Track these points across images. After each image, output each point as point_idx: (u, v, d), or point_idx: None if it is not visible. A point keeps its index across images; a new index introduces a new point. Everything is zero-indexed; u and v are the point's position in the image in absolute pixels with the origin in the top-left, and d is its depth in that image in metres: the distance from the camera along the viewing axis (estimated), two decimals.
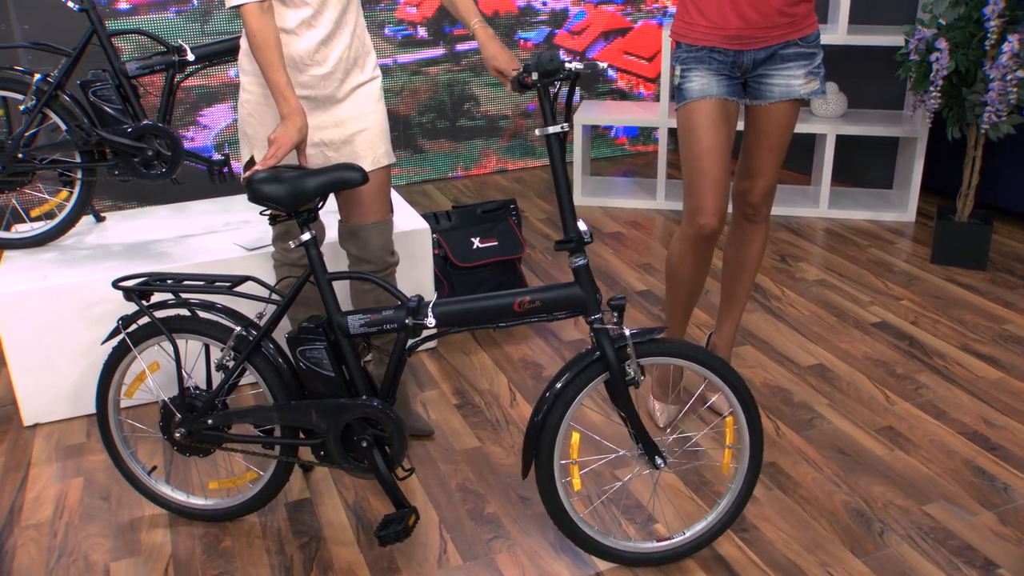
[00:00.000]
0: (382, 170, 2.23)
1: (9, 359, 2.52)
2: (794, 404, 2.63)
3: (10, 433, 2.59)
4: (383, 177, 2.24)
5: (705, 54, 2.19)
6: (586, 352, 1.89)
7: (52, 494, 2.32)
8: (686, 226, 2.28)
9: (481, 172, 5.00)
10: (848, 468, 2.34)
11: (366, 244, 2.25)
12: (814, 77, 2.22)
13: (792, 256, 3.69)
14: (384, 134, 2.23)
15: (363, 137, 2.18)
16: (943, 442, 2.44)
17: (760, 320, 3.15)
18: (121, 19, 3.99)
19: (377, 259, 2.27)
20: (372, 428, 2.00)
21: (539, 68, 1.77)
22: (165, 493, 2.19)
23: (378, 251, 2.26)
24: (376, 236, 2.25)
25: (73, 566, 2.06)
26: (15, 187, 2.71)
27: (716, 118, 2.19)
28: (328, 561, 2.05)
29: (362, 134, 2.18)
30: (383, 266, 2.29)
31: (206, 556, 2.08)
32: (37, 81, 2.61)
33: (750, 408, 1.97)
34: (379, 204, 2.24)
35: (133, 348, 2.08)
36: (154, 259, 2.66)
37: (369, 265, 2.28)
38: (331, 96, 2.13)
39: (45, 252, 2.74)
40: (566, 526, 1.93)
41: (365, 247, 2.25)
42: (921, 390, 2.69)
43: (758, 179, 2.34)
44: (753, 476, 2.01)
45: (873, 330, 3.06)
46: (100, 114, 2.65)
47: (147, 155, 2.66)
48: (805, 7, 2.16)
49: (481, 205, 3.20)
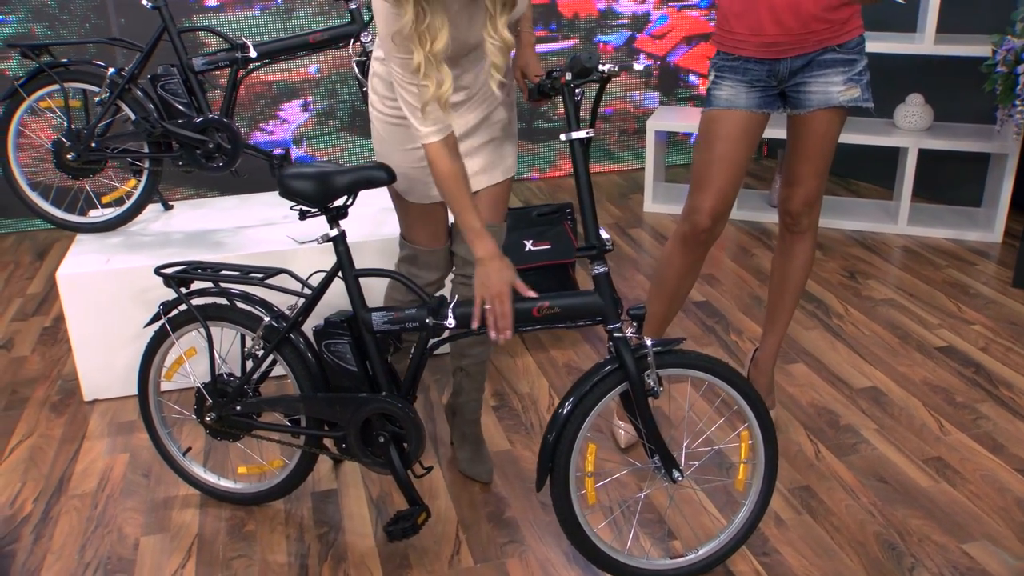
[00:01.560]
0: (506, 181, 2.15)
1: (72, 336, 2.66)
2: (839, 427, 2.53)
3: (71, 407, 2.74)
4: (507, 186, 2.15)
5: (740, 64, 2.14)
6: (604, 362, 1.87)
7: (99, 467, 2.44)
8: (679, 224, 2.27)
9: (556, 175, 4.99)
10: (887, 498, 2.23)
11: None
12: (854, 84, 2.13)
13: (862, 273, 3.55)
14: (513, 143, 2.15)
15: (492, 147, 2.09)
16: (996, 478, 2.30)
17: (817, 338, 3.04)
18: (208, 15, 4.15)
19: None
20: (391, 425, 2.02)
21: (574, 67, 1.75)
22: (197, 474, 2.28)
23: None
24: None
25: (107, 537, 2.17)
26: (88, 174, 2.86)
27: (736, 132, 2.15)
28: (343, 552, 2.09)
29: (493, 143, 2.09)
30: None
31: (229, 538, 2.15)
32: (111, 75, 2.75)
33: (766, 423, 1.91)
34: (498, 209, 2.15)
35: (171, 333, 2.16)
36: (210, 248, 2.76)
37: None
38: (456, 107, 2.02)
39: (113, 237, 2.89)
40: (578, 540, 1.91)
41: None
42: (980, 421, 2.55)
43: (798, 188, 2.27)
44: (767, 492, 1.95)
45: (937, 354, 2.91)
46: (167, 107, 2.77)
47: (208, 148, 2.77)
48: (846, 12, 2.07)
49: (537, 208, 3.19)
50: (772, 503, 2.22)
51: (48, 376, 2.91)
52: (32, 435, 2.59)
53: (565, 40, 4.71)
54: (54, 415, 2.69)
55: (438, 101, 1.80)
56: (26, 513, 2.26)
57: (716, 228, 2.24)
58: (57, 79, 2.77)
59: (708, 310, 3.28)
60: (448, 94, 1.80)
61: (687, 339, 3.05)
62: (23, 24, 3.97)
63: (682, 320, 3.20)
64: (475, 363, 2.25)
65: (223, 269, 2.14)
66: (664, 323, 2.40)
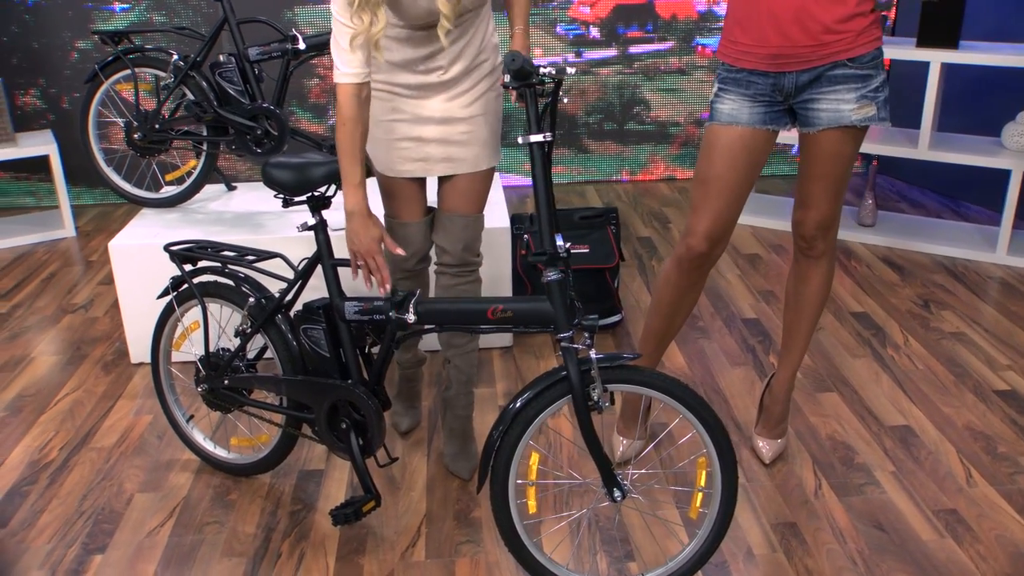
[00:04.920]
0: (479, 172, 2.17)
1: (121, 303, 2.88)
2: (852, 465, 2.36)
3: (119, 367, 2.96)
4: (481, 176, 2.17)
5: (744, 77, 2.02)
6: (553, 371, 1.83)
7: (123, 425, 2.63)
8: (677, 245, 2.17)
9: (647, 178, 4.90)
10: (877, 547, 2.07)
11: (447, 234, 2.18)
12: (868, 102, 1.97)
13: (938, 302, 3.28)
14: (486, 141, 2.15)
15: (468, 138, 2.12)
16: (1013, 540, 2.08)
17: (862, 367, 2.84)
18: (305, 6, 4.35)
19: (455, 252, 2.18)
20: (356, 413, 2.07)
21: (507, 71, 1.73)
22: (197, 440, 2.41)
23: (457, 244, 2.18)
24: (461, 228, 2.17)
25: (108, 489, 2.33)
26: (153, 153, 3.08)
27: (736, 149, 2.03)
28: (307, 531, 2.16)
29: (468, 135, 2.12)
30: (460, 261, 2.20)
31: (211, 504, 2.27)
32: (174, 61, 2.94)
33: (725, 450, 1.81)
34: (469, 200, 2.18)
35: (176, 308, 2.30)
36: (251, 229, 2.90)
37: (447, 256, 2.19)
38: (439, 91, 2.08)
39: (172, 213, 3.09)
40: (514, 546, 1.89)
41: (446, 236, 2.18)
42: (1018, 476, 2.31)
43: (810, 210, 2.13)
44: (722, 525, 1.85)
45: (994, 398, 2.66)
46: (223, 93, 2.93)
47: (256, 133, 2.91)
48: (860, 22, 1.91)
49: (581, 210, 3.15)
50: (749, 536, 2.11)
51: (110, 338, 3.16)
52: (79, 389, 2.83)
53: (661, 42, 4.60)
54: (103, 374, 2.92)
55: (367, 42, 1.85)
56: (50, 459, 2.47)
57: (714, 251, 2.12)
58: (129, 64, 2.99)
59: (755, 328, 3.13)
60: (378, 36, 1.85)
61: (723, 355, 2.93)
62: (143, 13, 4.30)
63: (724, 336, 3.07)
64: (460, 354, 2.27)
65: (224, 250, 2.25)
66: (662, 338, 2.31)
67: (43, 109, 4.40)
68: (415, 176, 2.15)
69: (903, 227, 3.90)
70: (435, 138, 2.10)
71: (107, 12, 4.27)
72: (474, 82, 2.10)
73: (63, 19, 4.26)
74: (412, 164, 2.13)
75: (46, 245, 4.04)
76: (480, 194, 2.18)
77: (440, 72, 2.06)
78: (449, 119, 2.09)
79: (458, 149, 2.11)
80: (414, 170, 2.13)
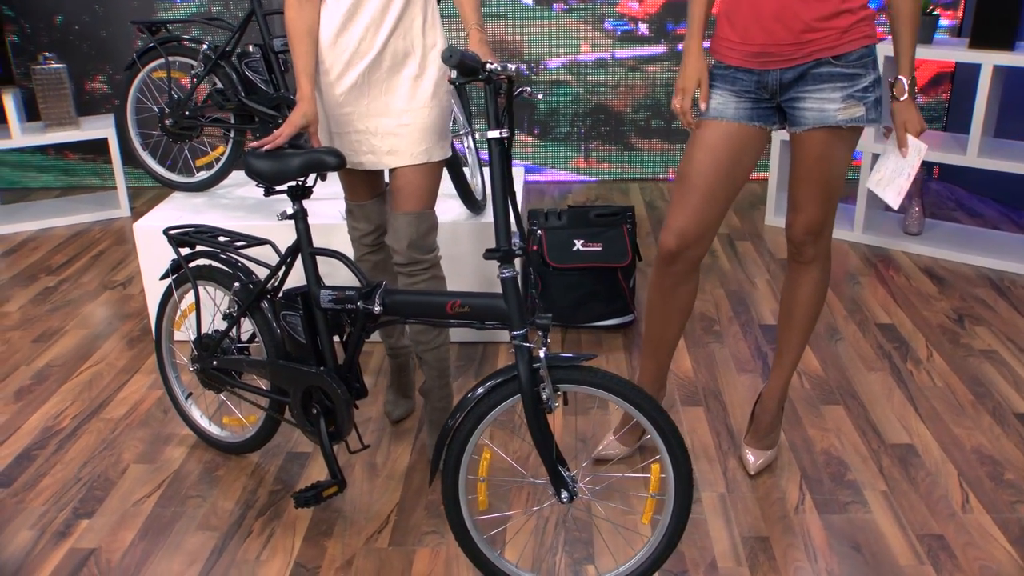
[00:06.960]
0: (422, 166, 2.20)
1: (145, 282, 3.00)
2: (841, 481, 2.28)
3: (142, 344, 3.09)
4: (422, 172, 2.20)
5: (730, 73, 1.98)
6: (506, 368, 1.83)
7: (134, 399, 2.75)
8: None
9: None
10: (849, 569, 1.99)
11: (395, 233, 2.22)
12: (856, 102, 1.89)
13: (974, 317, 3.12)
14: (428, 131, 2.18)
15: (407, 131, 2.17)
16: (998, 572, 1.97)
17: (876, 381, 2.73)
18: None
19: (402, 250, 2.20)
20: (327, 399, 2.11)
21: (448, 65, 1.70)
22: (194, 417, 2.50)
23: (402, 241, 2.20)
24: (405, 226, 2.20)
25: (107, 458, 2.45)
26: (185, 138, 3.19)
27: (719, 143, 1.98)
28: (281, 511, 2.22)
29: (406, 128, 2.17)
30: (408, 259, 2.21)
31: (198, 479, 2.35)
32: (203, 50, 3.04)
33: (678, 457, 1.77)
34: (414, 197, 2.21)
35: (175, 291, 2.39)
36: (266, 216, 2.99)
37: (397, 255, 2.22)
38: (380, 85, 2.16)
39: (200, 197, 3.20)
40: (462, 540, 1.89)
41: (394, 235, 2.22)
42: (1019, 505, 2.18)
43: (798, 214, 2.06)
44: (675, 533, 1.81)
45: (1012, 422, 2.51)
46: (249, 83, 3.02)
47: (278, 122, 2.99)
48: (846, 20, 1.84)
49: (596, 208, 3.12)
50: (716, 546, 2.06)
51: (140, 314, 3.30)
52: (101, 362, 2.97)
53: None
54: (127, 348, 3.05)
55: None
56: (62, 427, 2.60)
57: (687, 252, 2.07)
58: (163, 53, 3.11)
59: (771, 335, 3.04)
60: None
61: (732, 361, 2.86)
62: (203, 3, 4.46)
63: (738, 341, 3.00)
64: (427, 350, 2.28)
65: (220, 235, 2.32)
66: (658, 343, 2.25)
67: (108, 94, 4.62)
68: (368, 168, 2.25)
69: (951, 236, 3.72)
70: (379, 131, 2.17)
71: (168, 3, 4.45)
72: (413, 73, 2.16)
73: (129, 8, 4.46)
74: (363, 156, 2.22)
75: (102, 224, 4.25)
76: (424, 189, 2.20)
77: (371, 60, 2.12)
78: (389, 111, 2.17)
79: (398, 141, 2.17)
80: (364, 162, 2.22)
